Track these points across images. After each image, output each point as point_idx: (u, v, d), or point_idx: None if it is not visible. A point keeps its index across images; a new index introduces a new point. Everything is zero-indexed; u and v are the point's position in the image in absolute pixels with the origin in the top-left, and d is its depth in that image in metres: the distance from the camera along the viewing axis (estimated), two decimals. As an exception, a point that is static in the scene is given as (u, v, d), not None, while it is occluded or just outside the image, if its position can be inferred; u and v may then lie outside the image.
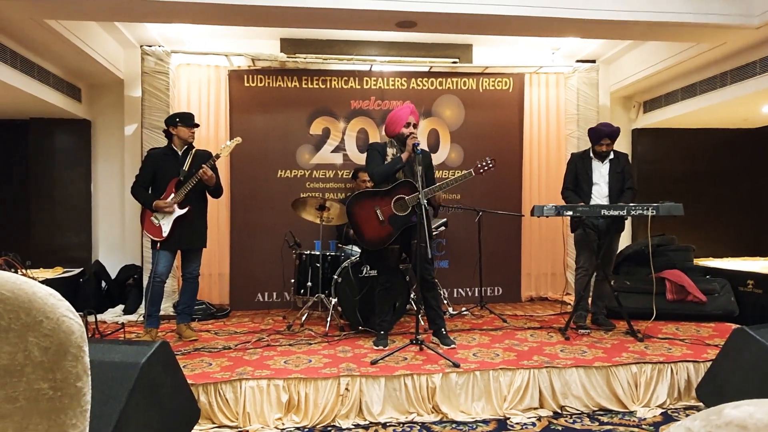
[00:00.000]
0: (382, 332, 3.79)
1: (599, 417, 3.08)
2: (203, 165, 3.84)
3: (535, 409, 3.14)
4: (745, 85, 4.83)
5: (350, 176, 5.43)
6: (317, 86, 5.48)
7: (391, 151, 3.85)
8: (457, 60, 5.81)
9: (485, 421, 3.03)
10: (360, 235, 3.79)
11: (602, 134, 4.29)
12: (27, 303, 0.54)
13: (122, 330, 4.24)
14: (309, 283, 4.49)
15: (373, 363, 3.29)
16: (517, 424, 2.99)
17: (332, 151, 5.53)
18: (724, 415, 0.36)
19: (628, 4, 4.10)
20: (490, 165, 3.73)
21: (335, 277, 4.21)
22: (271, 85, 5.43)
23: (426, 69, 5.61)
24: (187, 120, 3.97)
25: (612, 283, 4.30)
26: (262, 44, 5.59)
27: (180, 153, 3.98)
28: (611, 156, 4.35)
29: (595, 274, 4.27)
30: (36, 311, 0.54)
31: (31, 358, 0.53)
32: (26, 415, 0.53)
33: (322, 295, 4.47)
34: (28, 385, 0.53)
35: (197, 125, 4.04)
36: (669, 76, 5.66)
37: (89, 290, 5.12)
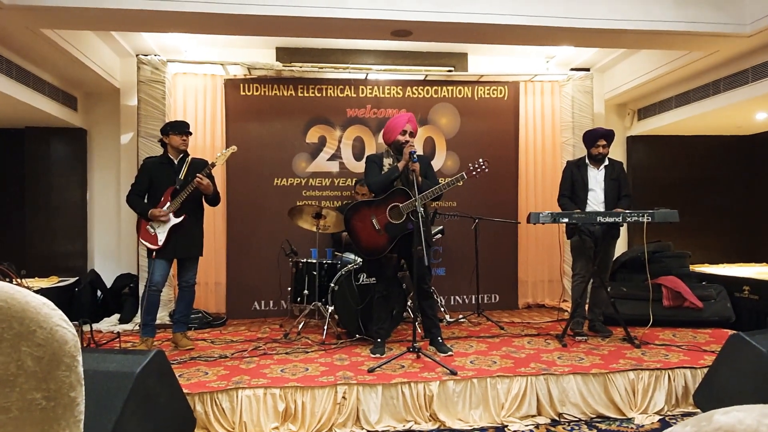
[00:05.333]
0: (379, 340, 3.78)
1: (597, 424, 3.07)
2: (199, 174, 3.84)
3: (533, 416, 3.14)
4: (737, 93, 4.87)
5: (348, 185, 5.44)
6: (313, 95, 5.50)
7: (387, 161, 3.86)
8: (452, 68, 5.84)
9: (483, 429, 3.02)
10: (358, 244, 3.80)
11: (598, 134, 4.31)
12: (20, 312, 0.54)
13: (118, 339, 4.21)
14: (306, 291, 4.48)
15: (370, 371, 3.28)
16: (515, 431, 2.98)
17: (328, 159, 5.53)
18: (714, 421, 0.36)
19: (621, 12, 4.13)
20: (483, 167, 3.70)
21: (332, 285, 4.20)
22: (267, 93, 5.45)
23: (421, 77, 5.64)
24: (178, 128, 3.98)
25: (609, 289, 4.30)
26: (258, 53, 5.62)
27: (176, 161, 3.98)
28: (606, 162, 4.37)
29: (591, 280, 4.28)
30: (29, 321, 0.54)
31: (24, 368, 0.53)
32: (19, 426, 0.53)
33: (319, 303, 4.46)
34: (21, 395, 0.53)
35: (189, 133, 4.04)
36: (663, 84, 5.70)
37: (85, 299, 5.09)
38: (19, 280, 4.20)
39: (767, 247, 6.37)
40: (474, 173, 3.70)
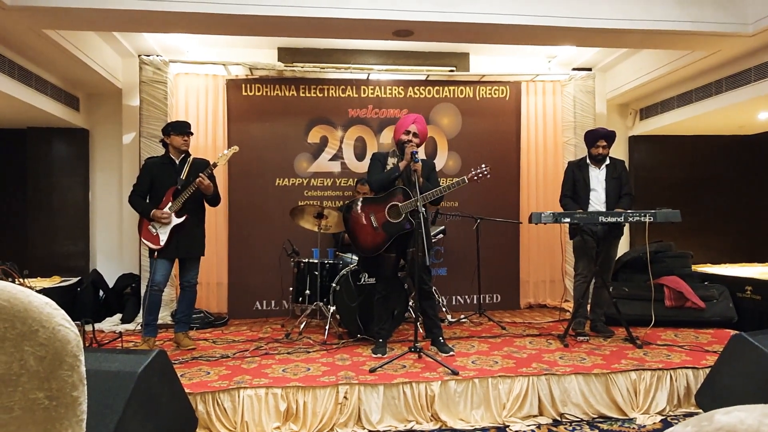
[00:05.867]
0: (381, 340, 3.79)
1: (599, 424, 3.07)
2: (200, 174, 3.85)
3: (535, 416, 3.13)
4: (740, 93, 4.86)
5: (350, 185, 5.45)
6: (315, 95, 5.50)
7: (392, 160, 3.87)
8: (454, 68, 5.84)
9: (484, 429, 3.02)
10: (355, 241, 3.83)
11: (598, 135, 4.32)
12: (23, 312, 0.54)
13: (120, 339, 4.22)
14: (307, 291, 4.48)
15: (372, 371, 3.28)
16: (516, 431, 2.98)
17: (330, 160, 5.54)
18: (715, 421, 0.36)
19: (623, 12, 4.13)
20: (485, 173, 3.73)
21: (333, 285, 4.20)
22: (268, 93, 5.45)
23: (423, 77, 5.63)
24: (179, 128, 3.98)
25: (611, 289, 4.30)
26: (260, 53, 5.62)
27: (177, 162, 3.98)
28: (607, 162, 4.37)
29: (593, 280, 4.27)
30: (32, 320, 0.54)
31: (26, 367, 0.53)
32: (22, 425, 0.53)
33: (321, 303, 4.46)
34: (24, 394, 0.53)
35: (191, 133, 4.05)
36: (665, 84, 5.69)
37: (87, 299, 5.10)
38: (21, 280, 4.21)
39: (770, 247, 6.36)
40: (476, 178, 3.72)
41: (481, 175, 3.72)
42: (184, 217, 3.88)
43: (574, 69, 5.88)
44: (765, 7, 4.04)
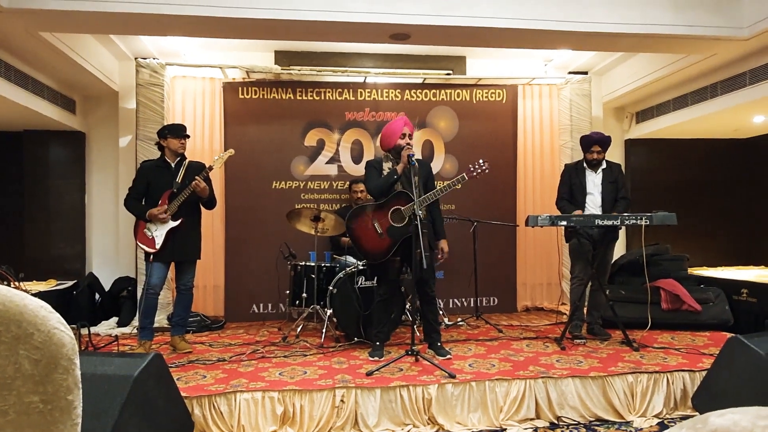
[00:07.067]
0: (378, 343, 3.78)
1: (596, 427, 3.07)
2: (196, 177, 3.84)
3: (532, 419, 3.13)
4: (735, 96, 4.88)
5: (346, 187, 5.46)
6: (312, 98, 5.51)
7: (386, 165, 3.87)
8: (450, 72, 5.84)
9: (481, 433, 3.02)
10: (361, 248, 3.81)
11: (592, 141, 4.34)
12: (18, 315, 0.54)
13: (116, 342, 4.20)
14: (304, 294, 4.47)
15: (369, 374, 3.27)
16: (513, 435, 2.98)
17: (327, 163, 5.54)
18: (710, 423, 0.36)
19: (619, 16, 4.15)
20: (484, 168, 3.72)
21: (330, 288, 4.20)
22: (265, 97, 5.45)
23: (420, 81, 5.64)
24: (176, 131, 3.97)
25: (607, 292, 4.31)
26: (257, 56, 5.62)
27: (173, 165, 3.98)
28: (604, 165, 4.38)
29: (590, 283, 4.28)
30: (27, 324, 0.54)
31: (21, 371, 0.53)
32: (17, 429, 0.53)
33: (318, 306, 4.46)
34: (19, 398, 0.53)
35: (187, 136, 4.04)
36: (660, 87, 5.72)
37: (83, 302, 5.07)
38: (16, 283, 4.19)
39: (765, 249, 6.39)
40: (474, 174, 3.71)
41: (480, 170, 3.71)
42: (179, 220, 3.87)
43: (570, 72, 5.90)
44: (760, 10, 4.06)
